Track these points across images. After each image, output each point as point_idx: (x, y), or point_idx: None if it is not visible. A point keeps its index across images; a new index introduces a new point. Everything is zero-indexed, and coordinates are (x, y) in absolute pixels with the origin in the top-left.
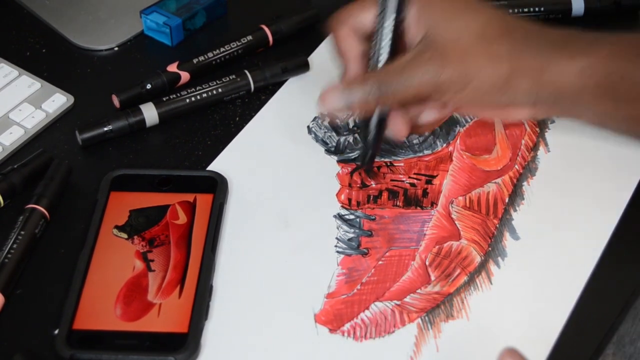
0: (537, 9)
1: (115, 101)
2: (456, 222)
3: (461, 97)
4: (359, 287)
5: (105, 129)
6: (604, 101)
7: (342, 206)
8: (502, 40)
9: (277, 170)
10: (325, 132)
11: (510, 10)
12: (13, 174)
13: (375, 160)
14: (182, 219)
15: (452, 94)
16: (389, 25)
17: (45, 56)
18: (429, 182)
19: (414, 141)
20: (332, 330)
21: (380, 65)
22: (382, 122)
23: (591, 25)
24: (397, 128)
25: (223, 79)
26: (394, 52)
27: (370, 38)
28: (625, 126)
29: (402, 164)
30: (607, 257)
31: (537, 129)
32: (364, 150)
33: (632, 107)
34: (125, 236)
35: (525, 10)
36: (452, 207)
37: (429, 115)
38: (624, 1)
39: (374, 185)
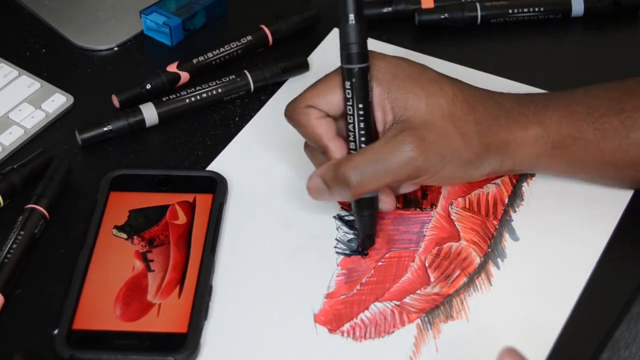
0: (536, 9)
1: (115, 101)
2: (456, 223)
3: (438, 177)
4: (358, 287)
5: (105, 129)
6: (560, 163)
7: (342, 207)
8: (469, 118)
9: (277, 171)
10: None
11: (510, 11)
12: (13, 174)
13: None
14: (182, 219)
15: (428, 175)
16: (364, 107)
17: (45, 56)
18: None
19: None
20: (331, 331)
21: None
22: (372, 203)
23: (591, 25)
24: (386, 202)
25: (223, 79)
26: (370, 134)
27: (344, 119)
28: (583, 180)
29: None
30: (606, 259)
31: None
32: (362, 232)
33: (587, 165)
34: (125, 236)
35: (525, 10)
36: (451, 208)
37: (407, 188)
38: (623, 1)
39: None
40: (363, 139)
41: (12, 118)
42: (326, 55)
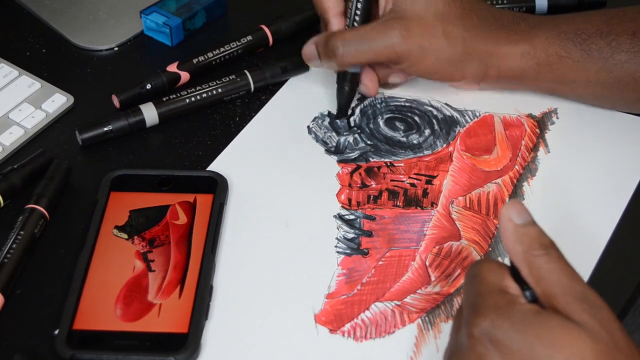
0: (499, 1)
1: (115, 101)
2: (456, 222)
3: (417, 67)
4: (359, 287)
5: (105, 129)
6: (546, 79)
7: (342, 206)
8: (460, 22)
9: (277, 170)
10: (325, 132)
11: None
12: (13, 174)
13: (376, 160)
14: (182, 219)
15: (409, 64)
16: None
17: (45, 56)
18: (429, 182)
19: (414, 141)
20: (332, 331)
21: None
22: (354, 78)
23: None
24: (367, 85)
25: (223, 79)
26: (367, 16)
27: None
28: (570, 99)
29: (402, 164)
30: (607, 258)
31: (537, 130)
32: (338, 102)
33: (572, 84)
34: (126, 236)
35: (489, 1)
36: (452, 207)
37: (395, 78)
38: None
39: (374, 186)
40: (357, 18)
41: (12, 118)
42: None
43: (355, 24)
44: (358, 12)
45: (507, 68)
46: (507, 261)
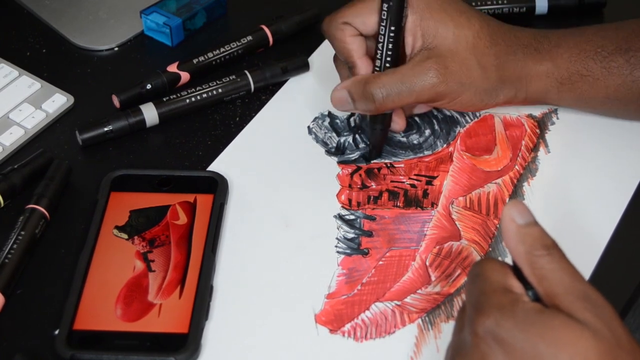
0: (499, 1)
1: (115, 101)
2: (456, 222)
3: (456, 102)
4: (359, 287)
5: (106, 129)
6: (568, 97)
7: (342, 206)
8: (491, 52)
9: (278, 171)
10: (325, 132)
11: (474, 3)
12: (13, 174)
13: (376, 161)
14: (183, 219)
15: (448, 100)
16: (395, 30)
17: (45, 56)
18: (429, 182)
19: (414, 141)
20: (332, 331)
21: (387, 67)
22: (386, 118)
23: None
24: (397, 122)
25: (223, 79)
26: (397, 56)
27: (375, 39)
28: (590, 113)
29: (402, 165)
30: (607, 258)
31: (538, 130)
32: (372, 143)
33: (593, 100)
34: (126, 236)
35: (489, 2)
36: (452, 207)
37: (421, 109)
38: (587, 0)
39: (374, 187)
40: (389, 59)
41: (12, 118)
42: (327, 55)
43: (388, 64)
44: (390, 53)
45: (534, 90)
46: (508, 260)
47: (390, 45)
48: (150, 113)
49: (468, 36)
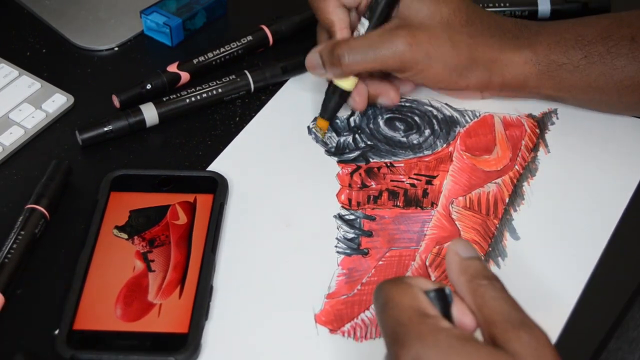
0: (502, 4)
1: (115, 101)
2: (456, 222)
3: (423, 75)
4: (359, 287)
5: (105, 129)
6: (547, 86)
7: (342, 206)
8: (464, 30)
9: (277, 171)
10: (325, 132)
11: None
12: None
13: (376, 160)
14: (183, 219)
15: (414, 72)
16: (382, 3)
17: (45, 56)
18: (429, 182)
19: (414, 141)
20: (332, 331)
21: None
22: (344, 95)
23: None
24: (356, 103)
25: (223, 79)
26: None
27: (360, 12)
28: (570, 104)
29: (402, 165)
30: (607, 258)
31: (537, 130)
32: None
33: (573, 89)
34: (126, 236)
35: (490, 5)
36: (452, 207)
37: (384, 100)
38: (591, 3)
39: (374, 186)
40: (369, 28)
41: (12, 118)
42: None
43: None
44: (371, 23)
45: (511, 76)
46: (505, 262)
47: (377, 15)
48: (150, 113)
49: (443, 12)
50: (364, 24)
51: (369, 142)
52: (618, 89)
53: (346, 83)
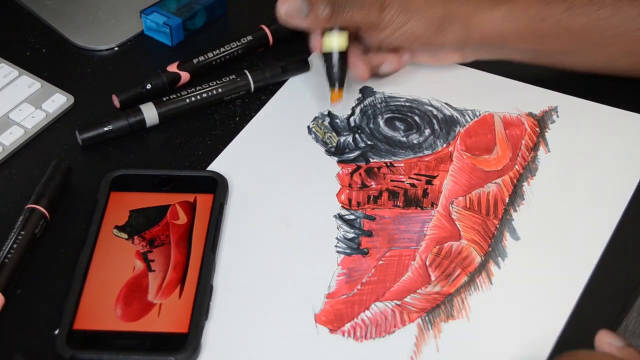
0: None
1: (115, 101)
2: (456, 222)
3: (398, 33)
4: (359, 287)
5: (105, 129)
6: (529, 40)
7: (342, 206)
8: None
9: (277, 170)
10: (325, 132)
11: None
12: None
13: (376, 160)
14: (182, 219)
15: (391, 31)
16: None
17: (45, 56)
18: (429, 182)
19: (414, 141)
20: (332, 331)
21: None
22: (343, 58)
23: None
24: (359, 70)
25: (223, 79)
26: None
27: None
28: (552, 60)
29: (402, 165)
30: (607, 257)
31: (538, 129)
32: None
33: (556, 42)
34: (126, 236)
35: None
36: (452, 207)
37: (387, 67)
38: None
39: (374, 186)
40: None
41: (12, 118)
42: None
43: None
44: None
45: (489, 32)
46: (506, 262)
47: None
48: (150, 113)
49: None
50: None
51: (369, 142)
52: (602, 40)
53: (338, 41)
